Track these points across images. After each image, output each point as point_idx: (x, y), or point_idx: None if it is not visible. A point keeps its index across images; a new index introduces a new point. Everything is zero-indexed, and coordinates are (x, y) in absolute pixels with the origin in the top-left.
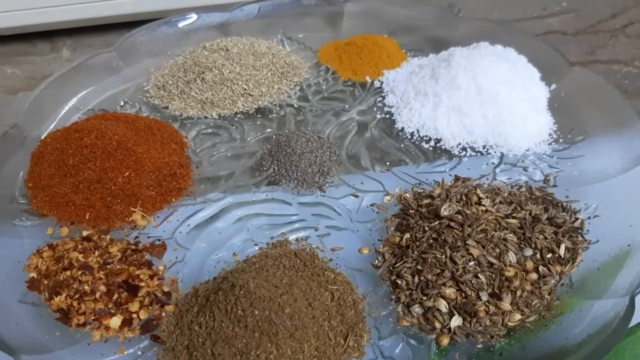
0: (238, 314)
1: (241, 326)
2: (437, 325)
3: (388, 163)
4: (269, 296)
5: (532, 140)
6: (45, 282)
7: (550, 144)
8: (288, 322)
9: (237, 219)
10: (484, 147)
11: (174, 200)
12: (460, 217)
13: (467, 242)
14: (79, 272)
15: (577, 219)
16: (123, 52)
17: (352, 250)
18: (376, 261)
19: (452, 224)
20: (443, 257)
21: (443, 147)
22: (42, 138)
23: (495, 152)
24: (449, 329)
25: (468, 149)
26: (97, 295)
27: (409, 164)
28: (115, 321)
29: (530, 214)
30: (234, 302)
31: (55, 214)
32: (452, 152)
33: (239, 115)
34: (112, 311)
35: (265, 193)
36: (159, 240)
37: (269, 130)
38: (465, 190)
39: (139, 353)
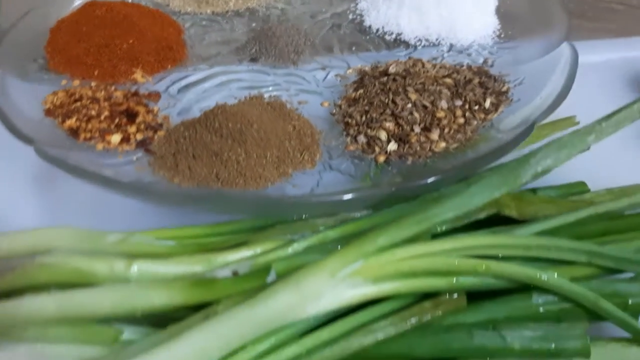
0: (215, 127)
1: (217, 135)
2: (377, 149)
3: (354, 48)
4: (241, 114)
5: (478, 34)
6: (59, 110)
7: (493, 38)
8: (255, 133)
9: (221, 82)
10: (436, 39)
11: (169, 67)
12: (404, 73)
13: (407, 89)
14: (88, 102)
15: (504, 84)
16: None
17: (316, 105)
18: (334, 110)
19: (397, 77)
20: (386, 100)
21: (402, 39)
22: (60, 17)
23: (445, 42)
24: (386, 151)
25: (423, 41)
26: (102, 117)
27: (372, 51)
28: (116, 138)
29: (464, 77)
30: (212, 118)
31: (69, 72)
32: (410, 42)
33: (230, 13)
34: (113, 130)
35: (247, 66)
36: (155, 92)
37: (254, 24)
38: (412, 62)
39: (134, 159)
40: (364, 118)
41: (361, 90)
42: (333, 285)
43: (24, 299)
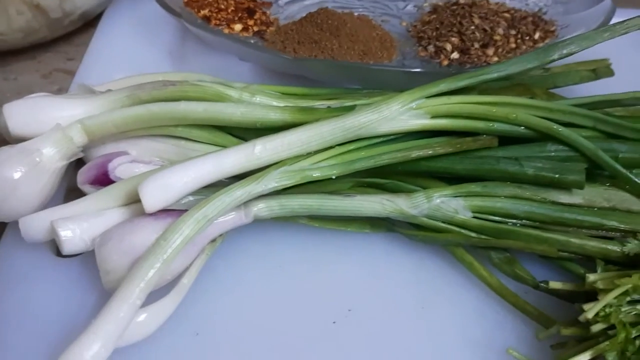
0: (317, 22)
1: (318, 28)
2: (442, 57)
3: None
4: (338, 15)
5: None
6: (196, 3)
7: None
8: (348, 30)
9: (320, 1)
10: None
11: None
12: (471, 3)
13: (472, 15)
14: None
15: (553, 25)
16: None
17: (396, 24)
18: (410, 28)
19: (465, 6)
20: (454, 21)
21: None
22: None
23: None
24: (449, 58)
25: None
26: (229, 10)
27: None
28: (238, 26)
29: (520, 15)
30: (316, 16)
31: None
32: None
33: None
34: (237, 21)
35: None
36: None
37: None
38: None
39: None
40: (434, 33)
41: (434, 15)
42: (402, 113)
43: (181, 103)
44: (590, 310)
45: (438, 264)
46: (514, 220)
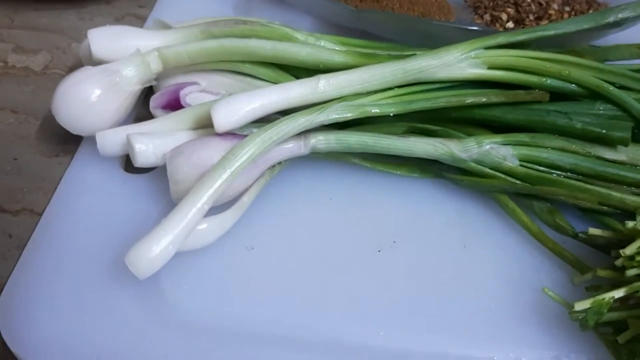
0: None
1: None
2: (498, 25)
3: None
4: None
5: None
6: None
7: None
8: None
9: None
10: None
11: None
12: None
13: None
14: None
15: (607, 6)
16: None
17: None
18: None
19: None
20: None
21: None
22: None
23: None
24: (504, 27)
25: None
26: None
27: None
28: None
29: None
30: None
31: None
32: None
33: None
34: None
35: None
36: None
37: None
38: None
39: None
40: (491, 3)
41: None
42: (461, 60)
43: (251, 40)
44: (628, 248)
45: (481, 210)
46: (559, 172)
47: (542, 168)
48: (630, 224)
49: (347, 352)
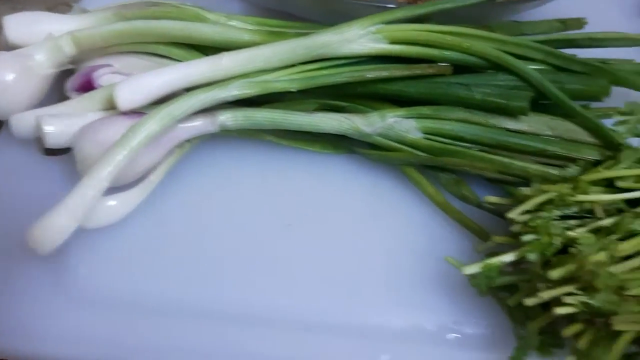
0: None
1: None
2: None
3: None
4: None
5: None
6: None
7: None
8: None
9: None
10: None
11: None
12: None
13: None
14: None
15: None
16: None
17: None
18: None
19: None
20: None
21: None
22: None
23: None
24: None
25: None
26: None
27: None
28: None
29: None
30: None
31: None
32: None
33: None
34: None
35: None
36: None
37: None
38: None
39: None
40: None
41: None
42: (361, 36)
43: (162, 21)
44: (515, 211)
45: (392, 183)
46: (462, 143)
47: (445, 140)
48: (523, 190)
49: (253, 323)
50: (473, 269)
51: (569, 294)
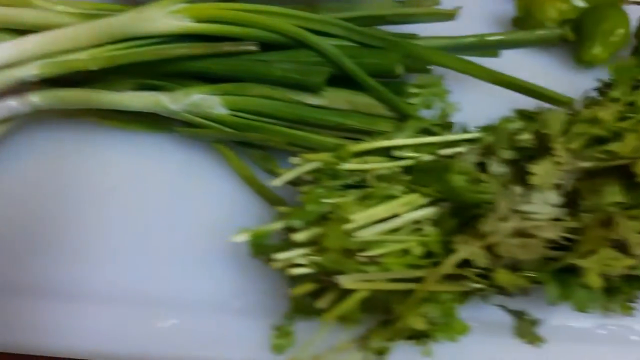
0: None
1: None
2: None
3: None
4: None
5: None
6: None
7: None
8: None
9: None
10: None
11: None
12: None
13: None
14: None
15: None
16: None
17: None
18: None
19: None
20: None
21: None
22: None
23: None
24: None
25: None
26: None
27: None
28: None
29: None
30: None
31: None
32: None
33: None
34: None
35: None
36: None
37: None
38: None
39: None
40: None
41: None
42: (164, 16)
43: None
44: (279, 179)
45: (206, 160)
46: (265, 118)
47: (249, 116)
48: (294, 159)
49: (69, 297)
50: (242, 237)
51: (305, 255)
